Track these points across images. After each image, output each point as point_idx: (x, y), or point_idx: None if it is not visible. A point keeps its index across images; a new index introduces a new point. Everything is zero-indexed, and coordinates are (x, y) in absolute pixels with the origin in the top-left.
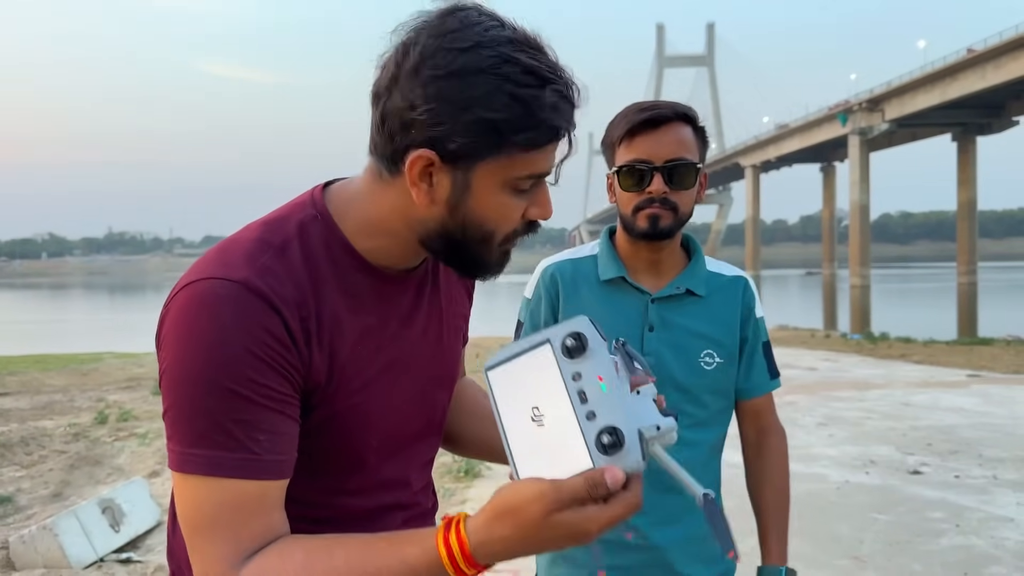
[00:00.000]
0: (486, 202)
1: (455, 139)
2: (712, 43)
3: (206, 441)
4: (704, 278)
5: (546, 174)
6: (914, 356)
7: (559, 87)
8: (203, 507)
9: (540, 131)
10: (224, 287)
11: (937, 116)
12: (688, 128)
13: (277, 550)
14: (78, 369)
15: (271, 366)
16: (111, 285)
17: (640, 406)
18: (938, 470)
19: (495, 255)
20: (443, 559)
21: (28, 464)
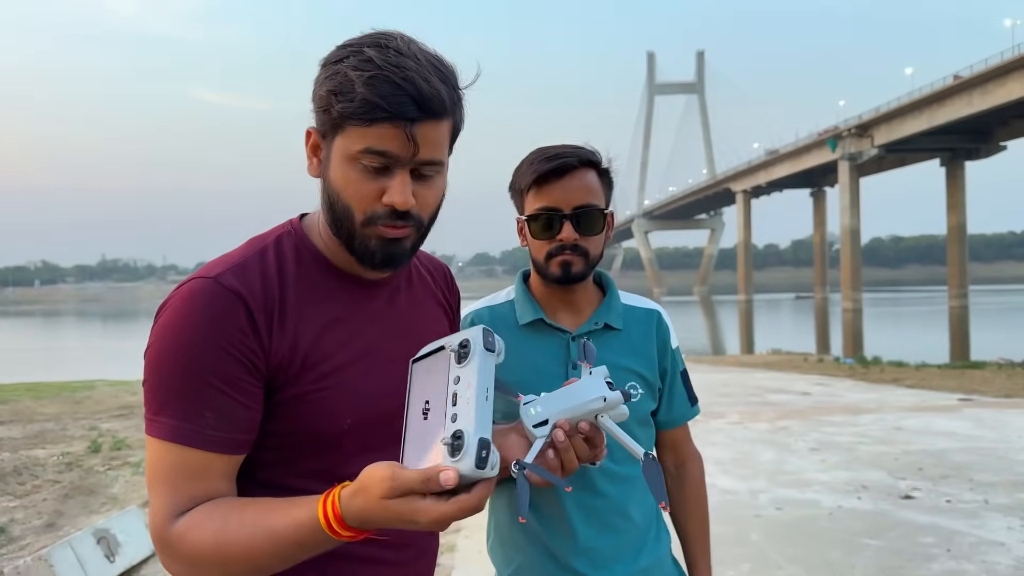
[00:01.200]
0: (336, 173)
1: (317, 114)
2: (702, 71)
3: (165, 411)
4: (620, 312)
5: (387, 155)
6: (906, 380)
7: (388, 74)
8: (155, 465)
9: (355, 104)
10: (200, 284)
11: (925, 141)
12: (593, 173)
13: (206, 507)
14: (71, 397)
15: (228, 352)
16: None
17: (588, 384)
18: (930, 495)
19: (361, 236)
20: (321, 521)
21: (21, 494)
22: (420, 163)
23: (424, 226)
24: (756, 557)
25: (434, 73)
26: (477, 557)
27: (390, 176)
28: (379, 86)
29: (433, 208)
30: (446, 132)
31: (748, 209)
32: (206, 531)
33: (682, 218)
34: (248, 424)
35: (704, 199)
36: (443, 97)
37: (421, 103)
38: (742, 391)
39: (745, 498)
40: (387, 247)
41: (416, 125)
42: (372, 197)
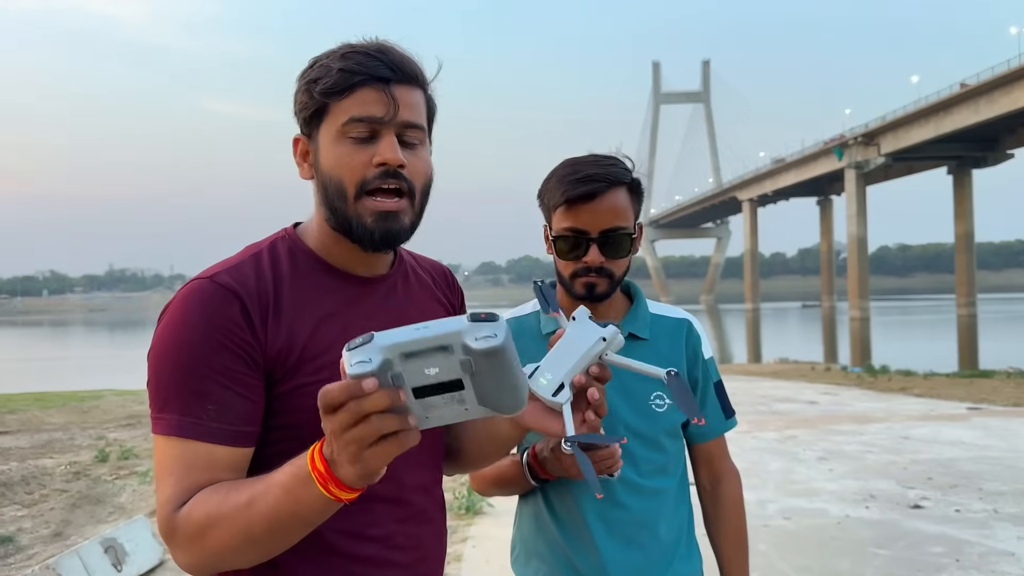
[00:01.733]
0: (328, 155)
1: (301, 110)
2: (708, 80)
3: (168, 407)
4: (647, 321)
5: (371, 119)
6: (915, 389)
7: (362, 48)
8: (162, 460)
9: (334, 76)
10: (196, 284)
11: (932, 149)
12: (623, 192)
13: (206, 491)
14: (78, 407)
15: (226, 346)
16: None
17: (580, 331)
18: (938, 504)
19: (355, 207)
20: (308, 464)
21: (29, 503)
22: (403, 125)
23: (417, 198)
24: (764, 567)
25: (405, 52)
26: (485, 567)
27: (377, 141)
28: (353, 57)
29: (424, 178)
30: (422, 101)
31: (755, 218)
32: (207, 506)
33: (688, 227)
34: (250, 416)
35: (710, 208)
36: (415, 66)
37: (395, 67)
38: (749, 400)
39: (753, 508)
40: (384, 222)
41: (393, 86)
42: (363, 164)
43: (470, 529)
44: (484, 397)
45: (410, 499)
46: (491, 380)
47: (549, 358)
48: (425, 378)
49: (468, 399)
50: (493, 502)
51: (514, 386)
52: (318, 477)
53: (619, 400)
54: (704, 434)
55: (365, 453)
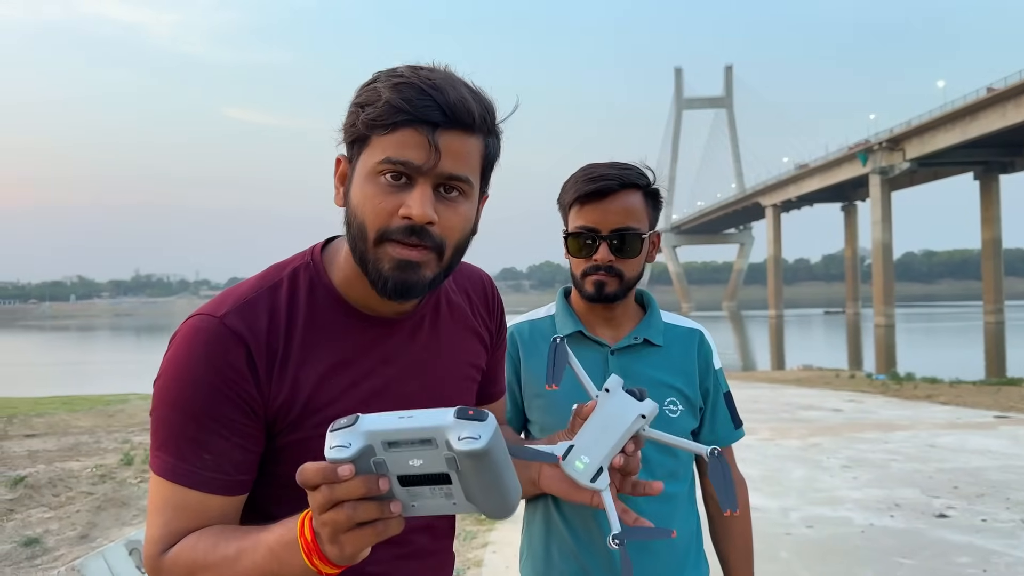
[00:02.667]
0: (357, 191)
1: (345, 134)
2: (730, 85)
3: (165, 448)
4: (661, 329)
5: (407, 164)
6: (940, 397)
7: (416, 82)
8: (155, 498)
9: (379, 109)
10: (205, 322)
11: (958, 155)
12: (637, 195)
13: (195, 536)
14: (104, 410)
15: (227, 395)
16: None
17: (616, 407)
18: (965, 514)
19: (374, 255)
20: (296, 530)
21: (56, 505)
22: (444, 177)
23: (447, 254)
24: (786, 575)
25: (466, 90)
26: (504, 573)
27: (411, 189)
28: (405, 91)
29: (458, 234)
30: (475, 150)
31: (778, 223)
32: (195, 552)
33: (711, 232)
34: (247, 466)
35: (733, 213)
36: (472, 109)
37: (447, 109)
38: (772, 407)
39: (775, 515)
40: (401, 272)
41: (439, 132)
42: (389, 212)
43: (490, 535)
44: (471, 495)
45: (410, 539)
46: (476, 481)
47: (584, 437)
48: (410, 468)
49: (456, 494)
50: None
51: (500, 490)
52: (304, 546)
53: None
54: (714, 444)
55: (341, 537)
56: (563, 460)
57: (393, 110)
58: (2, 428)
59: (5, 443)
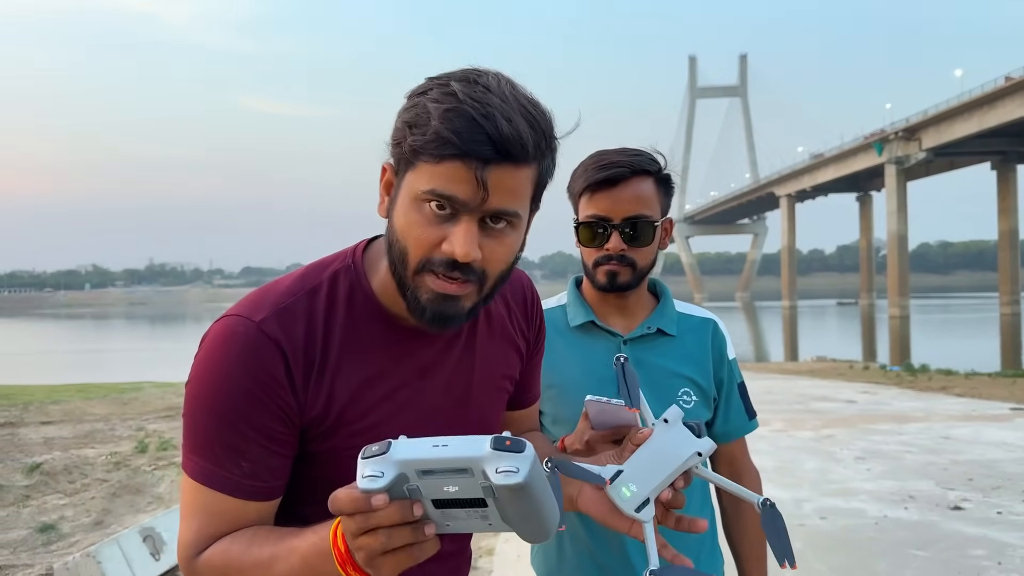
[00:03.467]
0: (400, 212)
1: (392, 148)
2: (745, 74)
3: (201, 452)
4: (674, 318)
5: (452, 200)
6: (955, 389)
7: (468, 108)
8: (188, 502)
9: (427, 137)
10: (243, 325)
11: (975, 145)
12: (649, 182)
13: (229, 538)
14: (119, 398)
15: (265, 404)
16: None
17: (673, 441)
18: (979, 506)
19: (413, 283)
20: (329, 538)
21: (71, 492)
22: (490, 212)
23: (488, 284)
24: (800, 567)
25: (521, 114)
26: (516, 562)
27: (455, 223)
28: (455, 120)
29: (502, 265)
30: (527, 181)
31: (792, 214)
32: (228, 555)
33: (724, 223)
34: (283, 471)
35: (747, 203)
36: (525, 140)
37: (498, 143)
38: (786, 399)
39: (789, 507)
40: (439, 304)
41: (489, 168)
42: (431, 244)
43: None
44: (507, 519)
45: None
46: (514, 510)
47: (634, 465)
48: (444, 493)
49: (491, 516)
50: None
51: (539, 519)
52: (338, 556)
53: (647, 395)
54: (728, 434)
55: (376, 560)
56: (610, 484)
57: (441, 141)
58: (18, 415)
59: (21, 430)
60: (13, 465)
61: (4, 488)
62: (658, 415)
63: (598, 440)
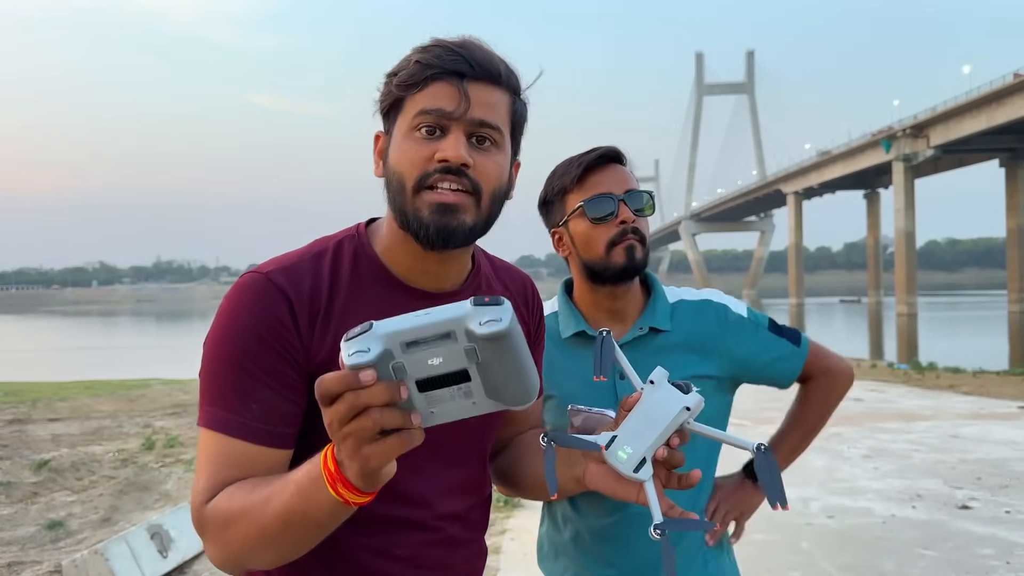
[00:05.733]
0: (395, 151)
1: (381, 106)
2: (752, 71)
3: (213, 401)
4: (666, 312)
5: (439, 112)
6: (963, 387)
7: (445, 43)
8: (202, 452)
9: (411, 69)
10: (251, 277)
11: (984, 142)
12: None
13: (235, 486)
14: (126, 395)
15: (271, 345)
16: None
17: (660, 398)
18: (988, 505)
19: (413, 203)
20: (320, 461)
21: (79, 489)
22: (475, 124)
23: (484, 201)
24: (806, 565)
25: (492, 52)
26: (522, 561)
27: (444, 138)
28: (433, 50)
29: (494, 182)
30: (503, 102)
31: (799, 211)
32: (232, 501)
33: (731, 220)
34: (291, 418)
35: (754, 201)
36: (498, 65)
37: (473, 63)
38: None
39: (796, 505)
40: (441, 216)
41: (468, 82)
42: (425, 159)
43: (508, 522)
44: (491, 389)
45: (440, 526)
46: (498, 368)
47: (627, 428)
48: (429, 369)
49: (475, 392)
50: None
51: (523, 374)
52: (328, 477)
53: None
54: (790, 374)
55: (364, 450)
56: (606, 450)
57: (423, 67)
58: (26, 412)
59: (29, 427)
60: (21, 462)
61: (12, 485)
62: None
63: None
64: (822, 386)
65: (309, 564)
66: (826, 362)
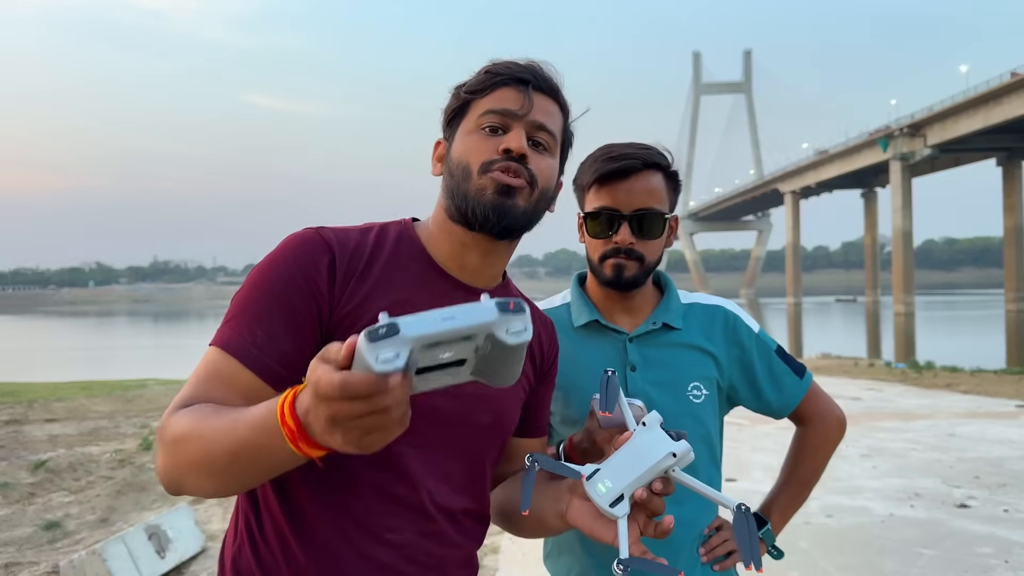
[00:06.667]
0: (459, 146)
1: (445, 115)
2: (749, 70)
3: (227, 322)
4: (680, 311)
5: (505, 112)
6: (961, 386)
7: (511, 60)
8: (198, 365)
9: (480, 77)
10: (305, 231)
11: (981, 141)
12: (659, 176)
13: (201, 405)
14: (123, 395)
15: (303, 289)
16: (155, 313)
17: (649, 441)
18: (986, 503)
19: (477, 182)
20: (278, 403)
21: (76, 490)
22: (535, 126)
23: (536, 193)
24: (805, 565)
25: (550, 71)
26: (522, 560)
27: (507, 134)
28: (501, 64)
29: (545, 180)
30: (559, 116)
31: (797, 210)
32: (191, 418)
33: (728, 219)
34: (289, 360)
35: (751, 200)
36: (557, 82)
37: (537, 75)
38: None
39: None
40: (501, 196)
41: (532, 90)
42: (490, 150)
43: None
44: (480, 372)
45: (435, 516)
46: (496, 362)
47: (612, 463)
48: (435, 360)
49: (463, 372)
50: None
51: (514, 369)
52: (288, 434)
53: (656, 392)
54: (788, 403)
55: (366, 439)
56: (587, 480)
57: (491, 75)
58: (23, 413)
59: (26, 427)
60: (18, 463)
61: (9, 486)
62: (668, 409)
63: (605, 439)
64: (817, 434)
65: (298, 545)
66: (823, 405)
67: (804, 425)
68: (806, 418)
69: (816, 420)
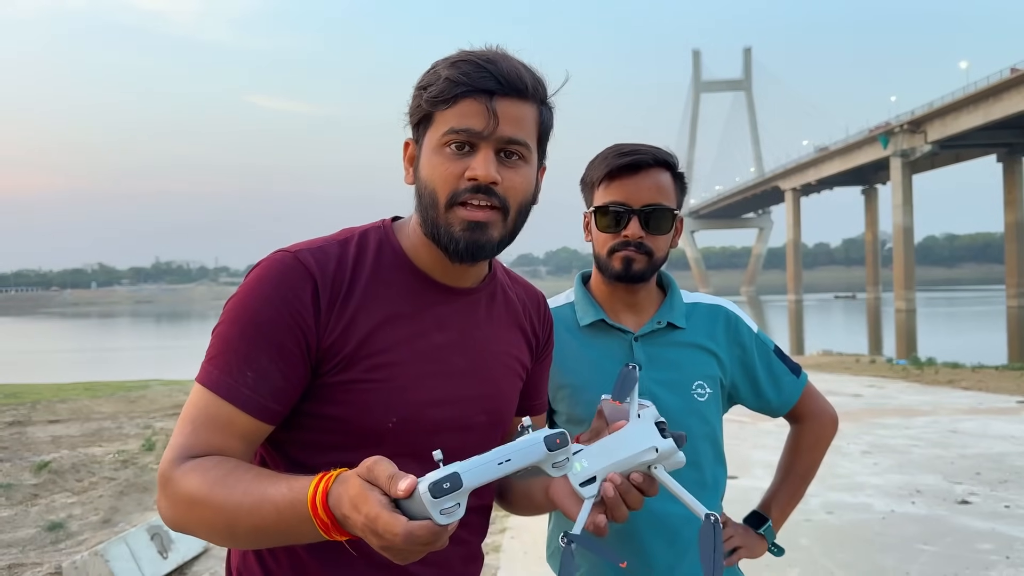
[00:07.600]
0: (426, 165)
1: (411, 117)
2: (749, 67)
3: (213, 361)
4: (683, 310)
5: (469, 132)
6: (962, 382)
7: (472, 58)
8: (189, 406)
9: (439, 86)
10: (280, 255)
11: (981, 137)
12: (667, 174)
13: (217, 458)
14: (126, 396)
15: (286, 321)
16: (158, 313)
17: (638, 432)
18: (987, 500)
19: (445, 218)
20: (309, 494)
21: (79, 490)
22: (503, 141)
23: (511, 215)
24: (806, 562)
25: (518, 63)
26: (523, 559)
27: (474, 155)
28: (462, 66)
29: (521, 195)
30: (530, 116)
31: (797, 207)
32: (207, 476)
33: (729, 217)
34: (282, 395)
35: (752, 197)
36: (524, 78)
37: (501, 79)
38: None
39: None
40: (471, 233)
41: (496, 99)
42: (456, 176)
43: (508, 520)
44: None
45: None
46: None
47: (595, 447)
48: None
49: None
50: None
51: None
52: (321, 525)
53: (661, 390)
54: (786, 402)
55: (410, 557)
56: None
57: (452, 84)
58: (26, 414)
59: (29, 428)
60: (21, 464)
61: (12, 487)
62: (674, 408)
63: None
64: (813, 432)
65: (304, 552)
66: (817, 404)
67: (800, 423)
68: (802, 416)
69: (811, 418)
